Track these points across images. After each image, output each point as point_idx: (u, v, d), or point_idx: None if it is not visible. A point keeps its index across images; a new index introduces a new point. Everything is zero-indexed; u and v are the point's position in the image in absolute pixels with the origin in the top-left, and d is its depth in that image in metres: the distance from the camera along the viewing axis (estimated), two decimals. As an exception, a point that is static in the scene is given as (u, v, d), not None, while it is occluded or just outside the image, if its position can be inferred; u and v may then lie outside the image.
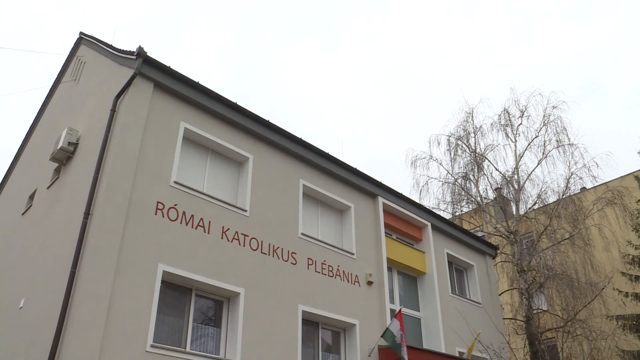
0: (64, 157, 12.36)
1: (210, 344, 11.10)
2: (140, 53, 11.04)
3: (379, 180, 16.15)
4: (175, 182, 11.15)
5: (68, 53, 16.39)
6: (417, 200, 20.04)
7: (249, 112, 12.97)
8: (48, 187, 13.03)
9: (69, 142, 12.14)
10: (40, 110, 17.03)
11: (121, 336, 9.25)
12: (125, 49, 12.02)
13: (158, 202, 10.72)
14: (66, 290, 9.31)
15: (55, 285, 9.99)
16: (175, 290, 10.82)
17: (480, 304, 18.67)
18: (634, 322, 22.60)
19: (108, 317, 9.17)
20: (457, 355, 16.17)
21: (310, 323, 13.04)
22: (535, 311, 22.41)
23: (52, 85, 16.82)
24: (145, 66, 11.19)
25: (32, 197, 14.11)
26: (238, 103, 12.75)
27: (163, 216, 10.71)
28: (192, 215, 11.19)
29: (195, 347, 10.72)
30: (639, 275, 23.30)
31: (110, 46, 13.09)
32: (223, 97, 12.51)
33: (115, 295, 9.39)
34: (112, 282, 9.41)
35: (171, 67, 11.61)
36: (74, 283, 9.40)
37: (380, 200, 16.19)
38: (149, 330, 9.66)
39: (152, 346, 9.61)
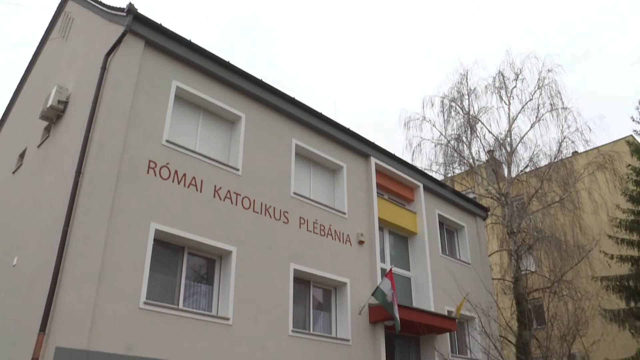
0: (54, 116, 12.23)
1: (202, 302, 11.24)
2: (131, 10, 10.83)
3: (372, 140, 16.17)
4: (167, 141, 11.11)
5: (55, 9, 16.07)
6: (409, 161, 20.12)
7: (242, 70, 12.85)
8: (38, 146, 12.94)
9: (59, 101, 11.98)
10: (28, 68, 16.77)
11: (114, 293, 9.33)
12: (114, 6, 11.80)
13: (150, 161, 10.69)
14: (59, 248, 9.34)
15: (47, 243, 10.01)
16: (167, 249, 10.88)
17: (469, 264, 18.93)
18: (617, 283, 23.14)
19: (101, 274, 9.24)
20: (446, 313, 16.48)
21: (302, 281, 13.21)
22: (523, 272, 22.75)
23: (40, 42, 16.52)
24: (135, 23, 11.00)
25: (22, 156, 14.03)
26: (230, 62, 12.63)
27: (155, 175, 10.70)
28: (185, 174, 11.18)
29: (187, 304, 10.85)
30: (625, 238, 23.69)
31: (100, 2, 12.82)
32: (215, 55, 12.36)
33: (107, 253, 9.45)
34: (104, 240, 9.45)
35: (162, 24, 11.43)
36: (67, 241, 9.42)
37: (373, 160, 16.22)
38: (141, 288, 9.76)
39: (145, 303, 9.72)
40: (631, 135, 27.18)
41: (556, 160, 23.29)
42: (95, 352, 8.78)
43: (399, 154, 17.58)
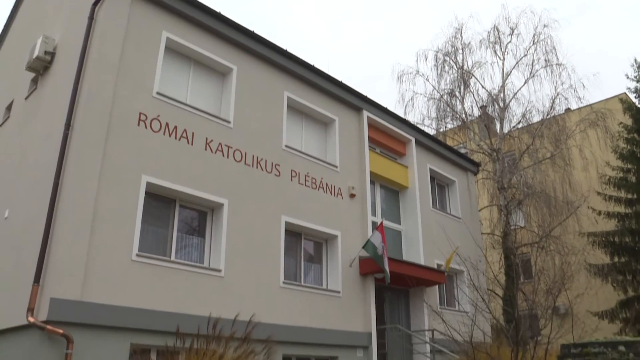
0: (40, 67, 11.97)
1: (194, 254, 11.33)
2: (118, -43, 10.52)
3: (364, 94, 16.06)
4: (158, 93, 10.97)
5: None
6: (402, 115, 20.09)
7: (233, 21, 12.61)
8: (26, 98, 12.73)
9: (45, 51, 11.68)
10: (10, 16, 16.24)
11: (107, 246, 9.38)
12: (101, -48, 11.43)
13: (140, 113, 10.58)
14: (50, 201, 9.32)
15: (38, 196, 9.99)
16: (159, 201, 10.89)
17: (460, 218, 19.13)
18: (603, 239, 23.56)
19: (93, 227, 9.25)
20: (436, 267, 16.75)
21: (293, 234, 13.32)
22: (512, 227, 23.09)
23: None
24: (123, -29, 10.70)
25: (9, 108, 13.83)
26: (222, 13, 12.38)
27: (146, 127, 10.61)
28: (175, 127, 11.10)
29: (179, 256, 10.93)
30: (613, 195, 23.98)
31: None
32: (206, 5, 12.10)
33: (99, 205, 9.43)
34: (95, 193, 9.43)
35: (151, -28, 11.14)
36: (57, 194, 9.39)
37: (365, 114, 16.15)
38: (134, 240, 9.79)
39: (137, 255, 9.78)
40: (624, 93, 27.15)
41: (549, 116, 23.31)
42: (89, 302, 8.88)
43: (391, 108, 17.56)
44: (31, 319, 8.54)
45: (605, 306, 22.95)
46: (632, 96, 26.68)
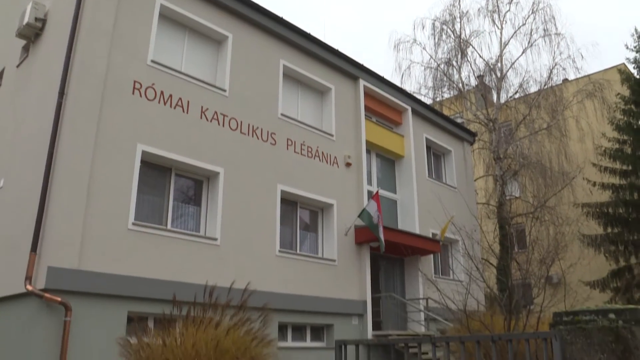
0: (31, 34, 11.74)
1: (190, 222, 11.37)
2: None
3: (361, 62, 15.93)
4: (153, 61, 10.85)
5: None
6: (398, 84, 19.93)
7: (228, -12, 12.42)
8: (17, 66, 12.55)
9: (36, 18, 11.40)
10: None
11: (103, 215, 9.40)
12: None
13: (135, 82, 10.48)
14: (45, 171, 9.27)
15: (33, 165, 9.92)
16: (154, 170, 10.87)
17: (455, 188, 19.18)
18: (597, 210, 23.70)
19: (89, 196, 9.26)
20: (431, 236, 16.86)
21: (289, 202, 13.34)
22: (507, 197, 23.19)
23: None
24: None
25: (0, 76, 13.66)
26: (216, -22, 12.18)
27: (140, 96, 10.52)
28: (171, 95, 11.00)
29: (176, 225, 10.97)
30: (608, 167, 24.04)
31: None
32: (200, -29, 11.89)
33: (94, 174, 9.42)
34: (90, 162, 9.41)
35: (143, -64, 10.89)
36: (52, 164, 9.34)
37: (361, 82, 16.04)
38: (130, 209, 9.82)
39: (133, 224, 9.81)
40: (623, 64, 27.00)
41: (546, 87, 23.22)
42: (86, 271, 8.95)
43: (388, 77, 17.44)
44: (29, 287, 8.61)
45: (597, 276, 23.25)
46: (630, 67, 26.57)
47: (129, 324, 8.99)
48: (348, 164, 14.76)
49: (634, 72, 25.88)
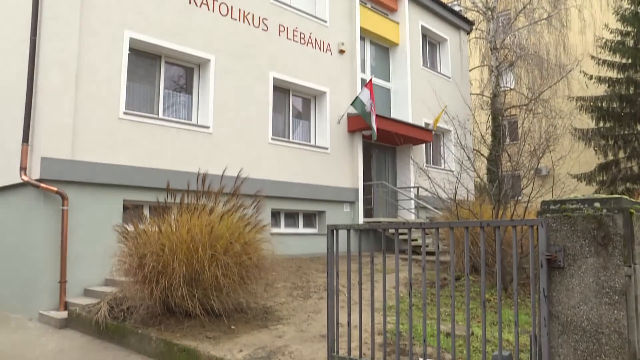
0: None
1: (182, 111, 11.27)
2: None
3: (357, -58, 15.09)
4: (137, -63, 10.21)
5: None
6: (395, -32, 19.00)
7: None
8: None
9: None
10: None
11: (93, 104, 9.30)
12: None
13: (119, -38, 9.91)
14: (29, 60, 9.00)
15: (16, 55, 9.59)
16: (144, 58, 10.64)
17: (450, 78, 18.92)
18: (591, 104, 23.56)
19: (78, 85, 9.11)
20: (424, 125, 16.86)
21: (281, 90, 13.17)
22: (502, 89, 22.97)
23: None
24: None
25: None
26: None
27: (125, -22, 10.00)
28: (157, -23, 10.47)
29: (168, 114, 10.89)
30: (607, 60, 23.57)
31: None
32: None
33: (82, 64, 9.21)
34: (77, 50, 9.17)
35: None
36: (36, 52, 9.05)
37: (357, -35, 15.29)
38: (120, 98, 9.71)
39: (124, 113, 9.73)
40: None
41: (549, -27, 22.26)
42: (80, 161, 9.00)
43: (384, -40, 16.59)
44: (25, 178, 8.69)
45: (585, 169, 23.61)
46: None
47: (125, 212, 9.15)
48: (341, 51, 14.41)
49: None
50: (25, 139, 8.81)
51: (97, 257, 8.10)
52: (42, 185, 8.60)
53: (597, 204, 3.33)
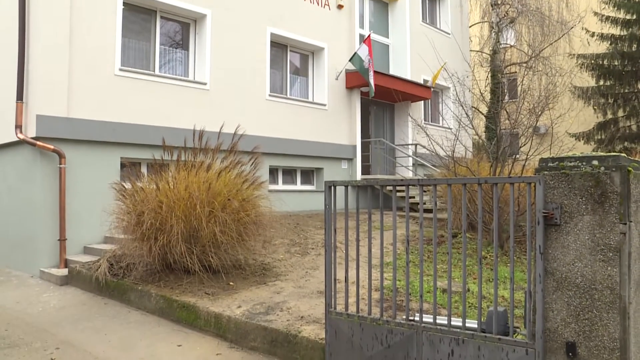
0: None
1: (179, 68, 11.15)
2: None
3: None
4: None
5: None
6: None
7: None
8: None
9: None
10: None
11: (88, 61, 9.18)
12: None
13: None
14: (19, 16, 8.85)
15: (8, 9, 9.39)
16: (138, 13, 10.45)
17: (449, 34, 18.63)
18: (592, 61, 23.31)
19: (71, 42, 8.97)
20: (422, 82, 16.71)
21: (279, 46, 13.00)
22: (502, 46, 22.65)
23: None
24: None
25: None
26: None
27: None
28: None
29: (164, 70, 10.78)
30: (610, 16, 23.16)
31: None
32: None
33: (74, 20, 9.04)
34: (69, 5, 8.98)
35: None
36: (26, 8, 8.90)
37: None
38: (115, 55, 9.58)
39: (120, 70, 9.61)
40: None
41: None
42: (76, 119, 8.94)
43: None
44: (20, 135, 8.66)
45: (583, 128, 23.53)
46: None
47: (123, 170, 9.15)
48: (340, 6, 14.16)
49: None
50: (20, 96, 8.73)
51: (96, 215, 8.13)
52: (39, 143, 8.57)
53: (595, 162, 3.32)
